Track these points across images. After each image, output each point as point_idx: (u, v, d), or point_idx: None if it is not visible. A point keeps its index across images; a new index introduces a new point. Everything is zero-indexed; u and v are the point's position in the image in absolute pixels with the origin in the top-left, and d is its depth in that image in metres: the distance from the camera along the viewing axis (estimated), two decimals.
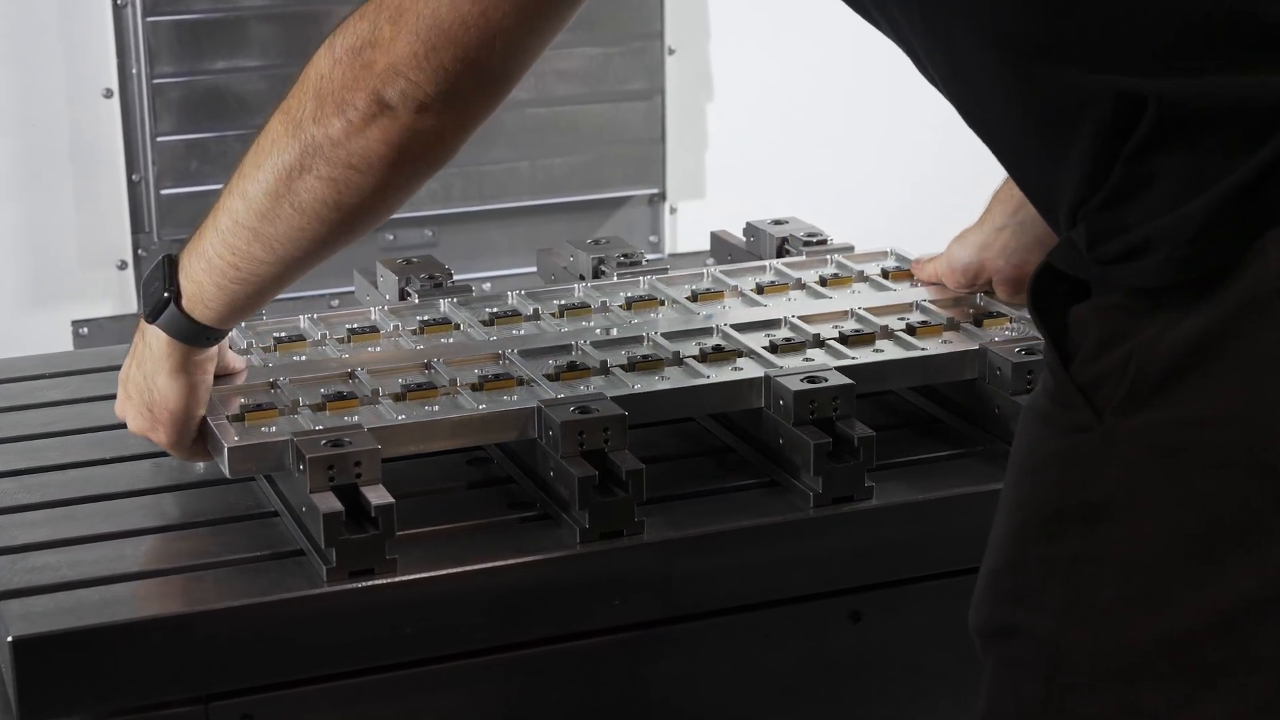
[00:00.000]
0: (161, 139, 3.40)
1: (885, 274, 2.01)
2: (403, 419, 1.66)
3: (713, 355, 1.79)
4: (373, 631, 1.56)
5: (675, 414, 1.80)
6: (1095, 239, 1.26)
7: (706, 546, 1.64)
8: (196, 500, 1.73)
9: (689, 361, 1.78)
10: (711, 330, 1.86)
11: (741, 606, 1.67)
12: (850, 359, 1.78)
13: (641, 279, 2.01)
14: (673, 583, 1.63)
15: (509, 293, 1.98)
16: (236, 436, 1.65)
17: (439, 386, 1.73)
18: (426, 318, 1.91)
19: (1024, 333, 1.83)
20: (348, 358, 1.82)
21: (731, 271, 2.04)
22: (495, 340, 1.85)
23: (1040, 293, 1.31)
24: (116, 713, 1.52)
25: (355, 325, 1.90)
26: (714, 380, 1.74)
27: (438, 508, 1.68)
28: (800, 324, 1.86)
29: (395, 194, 1.53)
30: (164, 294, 1.62)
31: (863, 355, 1.79)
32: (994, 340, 1.81)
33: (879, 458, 1.68)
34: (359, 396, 1.72)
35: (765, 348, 1.80)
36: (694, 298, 1.96)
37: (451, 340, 1.86)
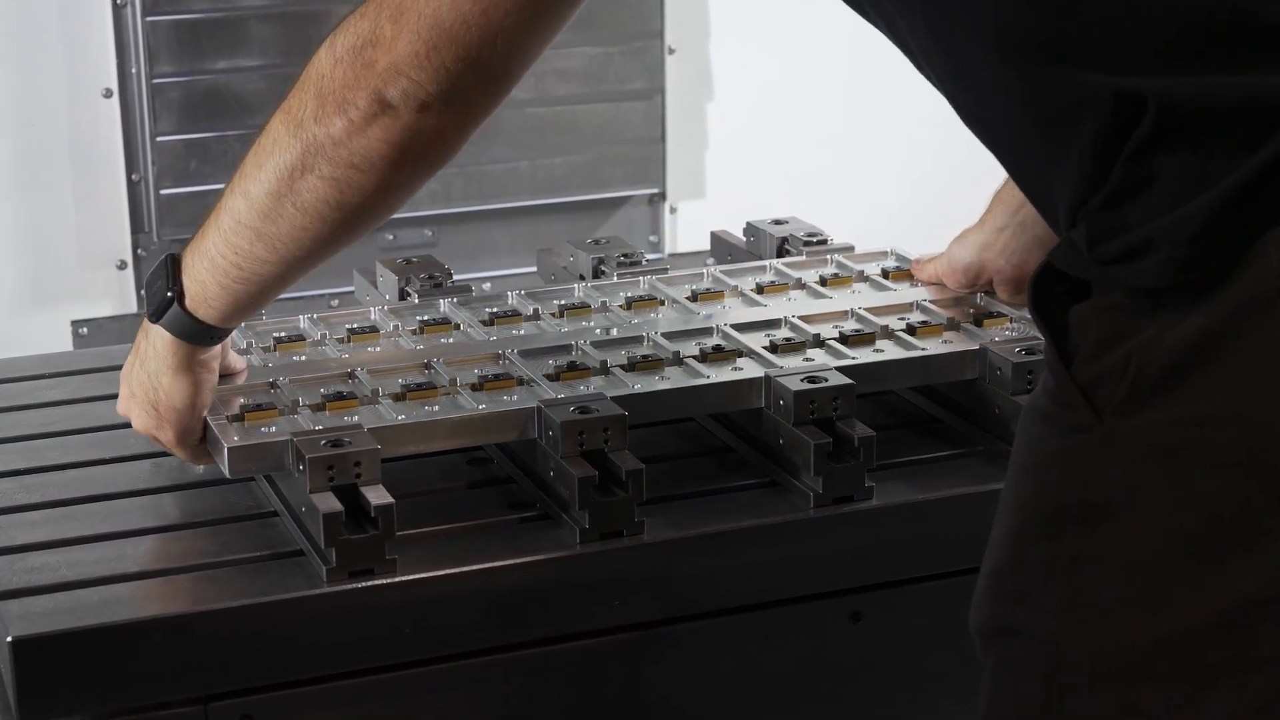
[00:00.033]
0: (161, 139, 3.39)
1: (885, 274, 2.01)
2: (403, 419, 1.66)
3: (713, 355, 1.78)
4: (373, 632, 1.56)
5: (675, 414, 1.80)
6: (1095, 239, 1.26)
7: (706, 546, 1.64)
8: (196, 500, 1.73)
9: (689, 361, 1.78)
10: (711, 330, 1.86)
11: (741, 607, 1.67)
12: (850, 359, 1.78)
13: (641, 279, 2.01)
14: (673, 583, 1.63)
15: (509, 293, 1.98)
16: (236, 436, 1.65)
17: (439, 386, 1.73)
18: (426, 318, 1.91)
19: (1024, 333, 1.83)
20: (347, 358, 1.82)
21: (731, 271, 2.04)
22: (495, 340, 1.85)
23: (1040, 293, 1.31)
24: (116, 713, 1.52)
25: (355, 325, 1.90)
26: (714, 380, 1.73)
27: (438, 508, 1.68)
28: (800, 324, 1.86)
29: (397, 193, 1.53)
30: (167, 293, 1.62)
31: (863, 355, 1.79)
32: (994, 340, 1.81)
33: (879, 458, 1.68)
34: (359, 396, 1.71)
35: (765, 348, 1.80)
36: (694, 298, 1.96)
37: (451, 340, 1.86)
